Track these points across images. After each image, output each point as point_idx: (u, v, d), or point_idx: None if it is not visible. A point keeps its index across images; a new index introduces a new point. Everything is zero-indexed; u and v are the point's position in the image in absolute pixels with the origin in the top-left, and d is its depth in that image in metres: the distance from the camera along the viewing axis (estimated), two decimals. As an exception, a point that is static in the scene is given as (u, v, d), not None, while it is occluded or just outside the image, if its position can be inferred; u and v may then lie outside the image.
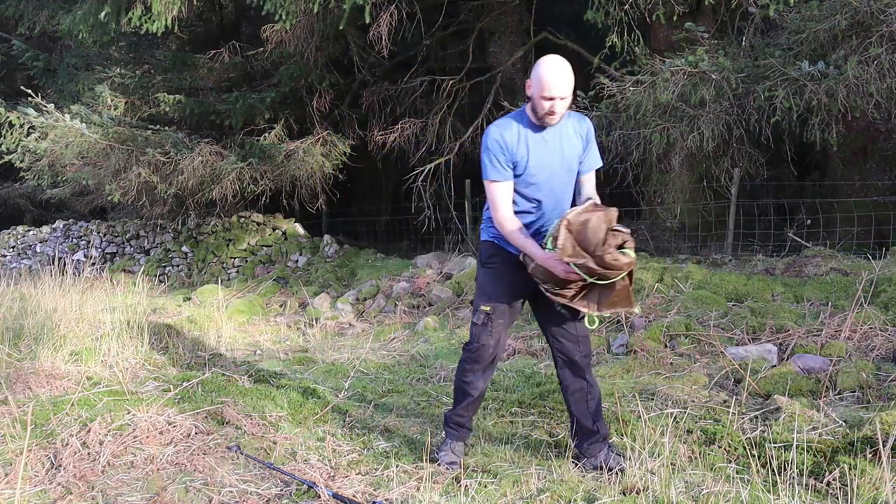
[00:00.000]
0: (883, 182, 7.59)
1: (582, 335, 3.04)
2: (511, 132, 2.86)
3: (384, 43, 8.14)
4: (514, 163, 2.87)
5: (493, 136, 2.87)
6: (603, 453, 3.02)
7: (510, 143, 2.85)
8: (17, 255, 12.89)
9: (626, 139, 7.50)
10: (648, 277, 6.06)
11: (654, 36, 8.43)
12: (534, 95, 2.80)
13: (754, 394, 3.85)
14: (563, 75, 2.75)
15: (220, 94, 9.62)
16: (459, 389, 3.15)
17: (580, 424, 3.07)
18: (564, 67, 2.77)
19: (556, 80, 2.73)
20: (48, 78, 11.78)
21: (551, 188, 2.93)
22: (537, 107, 2.80)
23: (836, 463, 2.83)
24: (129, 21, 8.52)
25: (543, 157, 2.88)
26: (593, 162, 3.04)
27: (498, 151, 2.85)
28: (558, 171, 2.92)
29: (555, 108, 2.77)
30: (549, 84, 2.73)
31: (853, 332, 4.37)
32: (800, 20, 6.38)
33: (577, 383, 3.05)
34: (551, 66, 2.75)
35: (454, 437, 3.18)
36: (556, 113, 2.79)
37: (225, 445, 3.43)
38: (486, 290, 3.01)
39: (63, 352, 4.63)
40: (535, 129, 2.88)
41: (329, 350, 5.65)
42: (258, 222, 10.58)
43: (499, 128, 2.89)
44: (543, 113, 2.79)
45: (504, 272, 2.98)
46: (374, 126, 9.54)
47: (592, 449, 3.05)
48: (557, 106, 2.77)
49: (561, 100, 2.77)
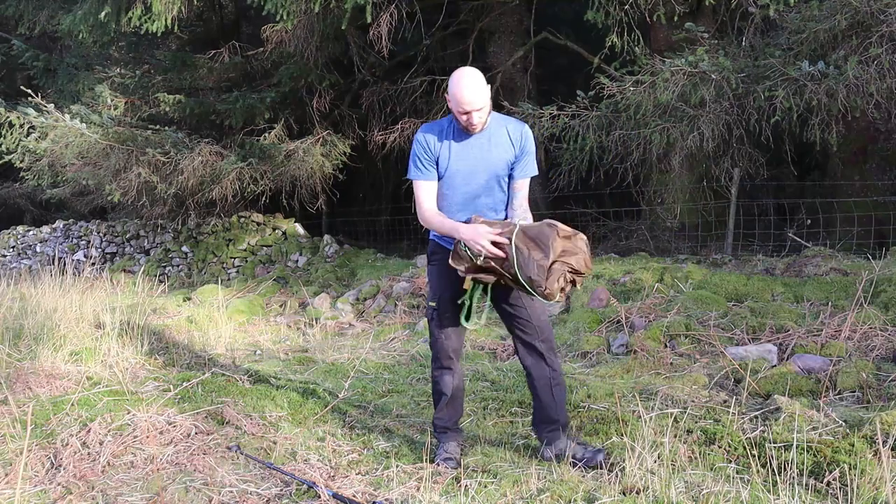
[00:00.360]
0: (883, 182, 7.59)
1: (540, 322, 3.11)
2: (434, 135, 3.02)
3: (384, 43, 8.14)
4: (436, 163, 3.02)
5: (417, 138, 3.04)
6: (561, 441, 3.09)
7: (432, 144, 3.01)
8: (17, 255, 12.89)
9: (626, 139, 7.50)
10: (648, 277, 6.06)
11: (654, 36, 8.43)
12: (452, 109, 2.94)
13: (754, 394, 3.85)
14: (475, 89, 2.85)
15: (220, 94, 9.62)
16: (434, 392, 3.28)
17: (544, 413, 3.13)
18: (476, 81, 2.87)
19: (468, 95, 2.85)
20: (48, 78, 11.78)
21: (474, 190, 3.05)
22: (458, 119, 2.95)
23: (836, 463, 2.83)
24: (128, 21, 8.52)
25: (467, 160, 3.00)
26: (528, 170, 3.10)
27: (421, 152, 3.02)
28: (482, 174, 3.03)
29: (472, 120, 2.91)
30: (462, 100, 2.85)
31: (853, 332, 4.37)
32: (800, 20, 6.38)
33: (542, 370, 3.10)
34: (463, 82, 2.86)
35: (443, 439, 3.26)
36: (476, 123, 2.92)
37: (225, 445, 3.43)
38: (432, 286, 3.20)
39: (63, 352, 4.63)
40: (461, 133, 3.01)
41: (329, 350, 5.65)
42: (258, 222, 10.58)
43: (424, 131, 3.06)
44: (464, 124, 2.95)
45: (445, 268, 3.05)
46: (374, 126, 9.54)
47: (551, 437, 3.12)
48: (474, 117, 2.90)
49: (477, 111, 2.88)
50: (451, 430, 3.27)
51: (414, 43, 9.91)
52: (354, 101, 10.22)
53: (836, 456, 2.87)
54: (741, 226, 7.54)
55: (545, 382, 3.09)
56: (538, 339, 3.09)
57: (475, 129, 2.96)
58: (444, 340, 3.15)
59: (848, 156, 7.74)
